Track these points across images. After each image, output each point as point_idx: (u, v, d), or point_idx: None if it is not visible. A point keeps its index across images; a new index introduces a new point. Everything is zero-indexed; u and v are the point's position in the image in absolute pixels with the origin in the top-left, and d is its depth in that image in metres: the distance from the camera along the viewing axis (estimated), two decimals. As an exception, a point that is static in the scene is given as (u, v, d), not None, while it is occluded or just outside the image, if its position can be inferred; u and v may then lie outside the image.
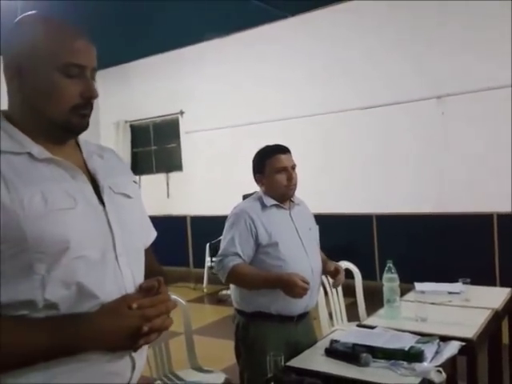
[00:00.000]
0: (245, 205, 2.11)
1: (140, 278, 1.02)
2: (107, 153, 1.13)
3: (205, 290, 6.01)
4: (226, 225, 2.07)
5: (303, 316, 2.08)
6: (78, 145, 1.08)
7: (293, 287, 1.85)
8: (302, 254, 2.04)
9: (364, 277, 3.17)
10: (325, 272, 2.22)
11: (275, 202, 2.08)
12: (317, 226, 2.24)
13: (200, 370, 2.45)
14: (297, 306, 2.01)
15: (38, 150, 0.95)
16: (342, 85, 5.70)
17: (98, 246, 0.94)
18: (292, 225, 2.09)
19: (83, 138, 1.12)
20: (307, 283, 1.87)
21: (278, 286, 1.89)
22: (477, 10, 4.84)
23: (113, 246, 0.96)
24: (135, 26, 5.88)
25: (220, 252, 2.03)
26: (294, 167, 2.11)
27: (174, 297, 2.41)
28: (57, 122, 0.97)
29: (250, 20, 5.93)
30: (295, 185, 2.10)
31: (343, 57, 5.67)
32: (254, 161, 2.16)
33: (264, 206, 2.06)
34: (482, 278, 2.69)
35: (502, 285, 4.48)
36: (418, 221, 5.27)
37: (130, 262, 0.99)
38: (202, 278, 6.14)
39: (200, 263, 6.46)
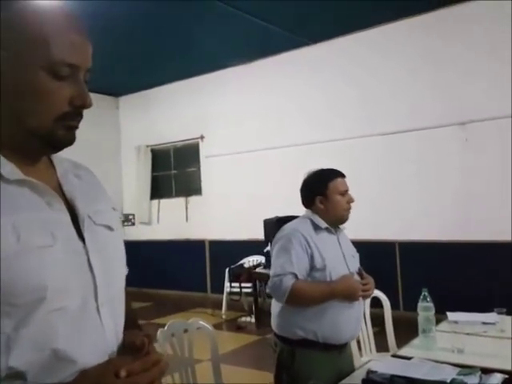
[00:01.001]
0: (296, 226, 2.08)
1: (121, 329, 0.86)
2: (84, 171, 0.93)
3: (223, 317, 5.91)
4: (278, 245, 2.03)
5: (346, 344, 2.05)
6: (50, 160, 0.88)
7: (357, 290, 1.95)
8: None
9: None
10: None
11: (327, 225, 2.07)
12: (357, 254, 2.21)
13: (228, 400, 2.37)
14: (344, 334, 1.99)
15: (8, 168, 0.76)
16: (365, 111, 5.72)
17: (78, 295, 0.76)
18: (340, 250, 2.08)
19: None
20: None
21: (342, 294, 1.95)
22: (501, 35, 4.85)
23: (94, 293, 0.79)
24: (157, 53, 6.02)
25: (276, 271, 1.98)
26: None
27: (201, 322, 2.37)
28: (38, 133, 0.78)
29: (272, 47, 6.03)
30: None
31: (366, 83, 5.71)
32: (310, 182, 2.15)
33: (317, 228, 2.05)
34: (510, 307, 2.61)
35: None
36: (441, 248, 5.18)
37: (112, 312, 0.82)
38: (220, 304, 6.06)
39: (218, 288, 6.39)
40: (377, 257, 5.44)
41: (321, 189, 2.08)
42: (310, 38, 5.82)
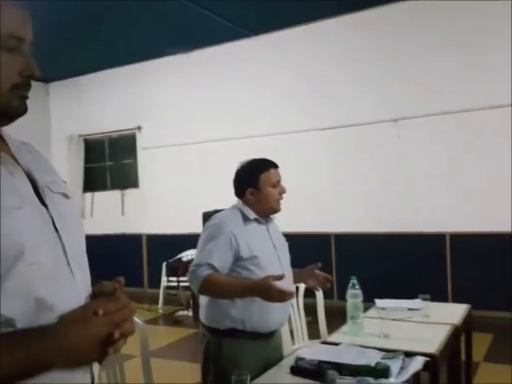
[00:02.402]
0: (225, 217, 2.05)
1: (89, 284, 0.95)
2: (31, 147, 1.00)
3: (160, 311, 5.83)
4: (204, 235, 2.01)
5: (274, 332, 2.05)
6: (1, 137, 0.93)
7: (269, 291, 1.79)
8: (278, 269, 2.01)
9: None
10: (304, 279, 2.23)
11: (256, 216, 2.06)
12: (287, 243, 2.22)
13: (157, 394, 2.31)
14: (272, 322, 1.99)
15: None
16: (300, 106, 5.79)
17: (51, 252, 0.85)
18: (270, 240, 2.08)
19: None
20: (281, 278, 1.83)
21: (255, 293, 1.85)
22: (434, 36, 5.08)
23: (63, 251, 0.87)
24: (92, 37, 5.76)
25: (194, 262, 1.97)
26: None
27: (131, 317, 2.29)
28: None
29: (213, 37, 5.95)
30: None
31: (306, 78, 5.77)
32: (242, 173, 2.10)
33: (246, 219, 2.04)
34: (436, 294, 2.74)
35: (454, 300, 4.63)
36: (373, 240, 5.37)
37: (80, 267, 0.91)
38: (157, 299, 5.97)
39: (155, 283, 6.27)
40: (313, 248, 5.56)
41: (252, 181, 2.06)
42: (252, 29, 5.80)
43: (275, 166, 2.11)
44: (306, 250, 5.53)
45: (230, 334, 1.95)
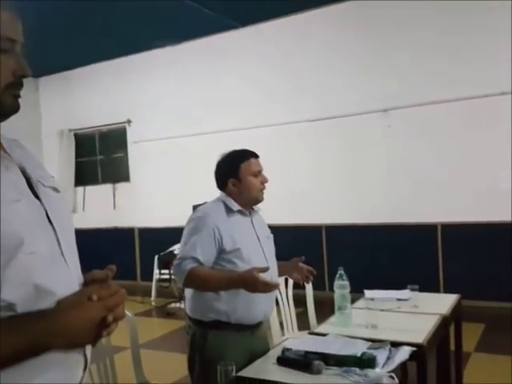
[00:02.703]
0: (209, 210, 2.04)
1: (80, 272, 1.00)
2: (20, 144, 1.05)
3: (153, 304, 5.85)
4: (187, 228, 2.00)
5: (260, 324, 2.04)
6: None
7: (254, 282, 1.79)
8: (262, 261, 2.00)
9: (313, 287, 3.15)
10: (288, 272, 2.22)
11: (240, 208, 2.05)
12: (272, 235, 2.21)
13: (147, 386, 2.32)
14: (257, 314, 1.99)
15: None
16: (290, 97, 5.77)
17: (47, 242, 0.91)
18: (254, 232, 2.07)
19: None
20: (266, 270, 1.83)
21: (240, 285, 1.85)
22: (423, 27, 5.07)
23: (57, 241, 0.93)
24: (81, 30, 5.70)
25: (179, 255, 1.97)
26: None
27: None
28: None
29: (201, 29, 5.90)
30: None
31: (292, 69, 5.76)
32: (223, 164, 2.09)
33: (229, 211, 2.02)
34: (427, 284, 2.74)
35: (446, 291, 4.65)
36: (365, 231, 5.38)
37: (72, 256, 0.97)
38: (150, 292, 5.98)
39: (148, 276, 6.28)
40: (304, 240, 5.58)
41: (233, 171, 2.05)
42: (239, 21, 5.74)
43: (255, 155, 2.10)
44: (297, 241, 5.56)
45: (214, 325, 1.94)
